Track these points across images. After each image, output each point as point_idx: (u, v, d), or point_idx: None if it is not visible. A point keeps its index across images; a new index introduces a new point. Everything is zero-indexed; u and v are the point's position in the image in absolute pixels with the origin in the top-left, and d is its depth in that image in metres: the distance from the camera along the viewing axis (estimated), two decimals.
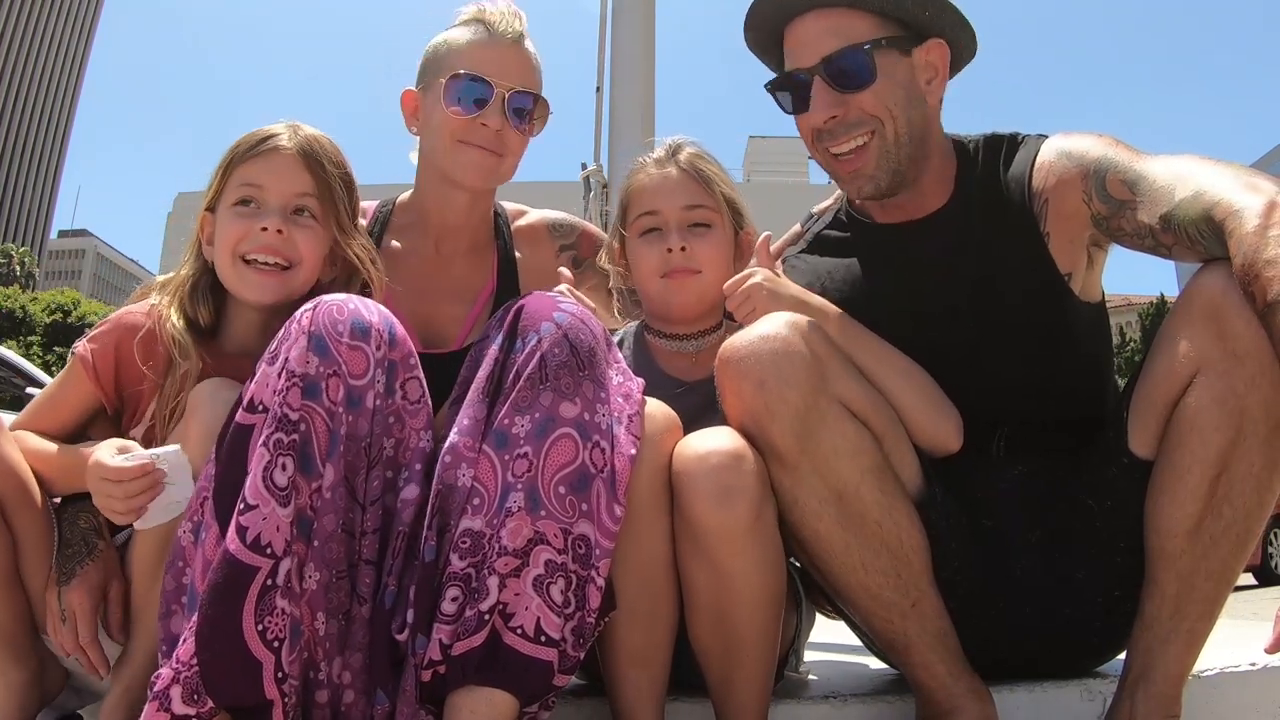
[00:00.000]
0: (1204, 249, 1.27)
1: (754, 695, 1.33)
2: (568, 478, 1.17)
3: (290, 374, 1.14)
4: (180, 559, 1.16)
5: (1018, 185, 1.51)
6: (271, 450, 1.11)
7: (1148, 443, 1.34)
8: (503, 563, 1.14)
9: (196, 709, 1.06)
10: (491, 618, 1.13)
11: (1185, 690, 1.33)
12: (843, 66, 1.49)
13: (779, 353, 1.29)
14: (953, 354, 1.48)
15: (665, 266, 1.60)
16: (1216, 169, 1.29)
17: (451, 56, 1.66)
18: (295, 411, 1.13)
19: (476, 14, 1.69)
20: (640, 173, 1.68)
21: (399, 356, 1.24)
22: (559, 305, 1.26)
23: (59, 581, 1.37)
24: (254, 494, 1.10)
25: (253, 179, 1.47)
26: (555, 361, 1.20)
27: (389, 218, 1.78)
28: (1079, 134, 1.50)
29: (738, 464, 1.25)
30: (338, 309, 1.20)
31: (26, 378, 5.17)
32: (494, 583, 1.14)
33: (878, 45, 1.49)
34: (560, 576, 1.15)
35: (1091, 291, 1.54)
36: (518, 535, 1.15)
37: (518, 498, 1.16)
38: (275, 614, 1.09)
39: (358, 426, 1.19)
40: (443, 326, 1.70)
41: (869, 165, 1.52)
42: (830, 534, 1.32)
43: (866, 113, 1.50)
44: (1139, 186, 1.35)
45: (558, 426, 1.18)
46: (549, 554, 1.15)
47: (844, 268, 1.63)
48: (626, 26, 3.30)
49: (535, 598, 1.14)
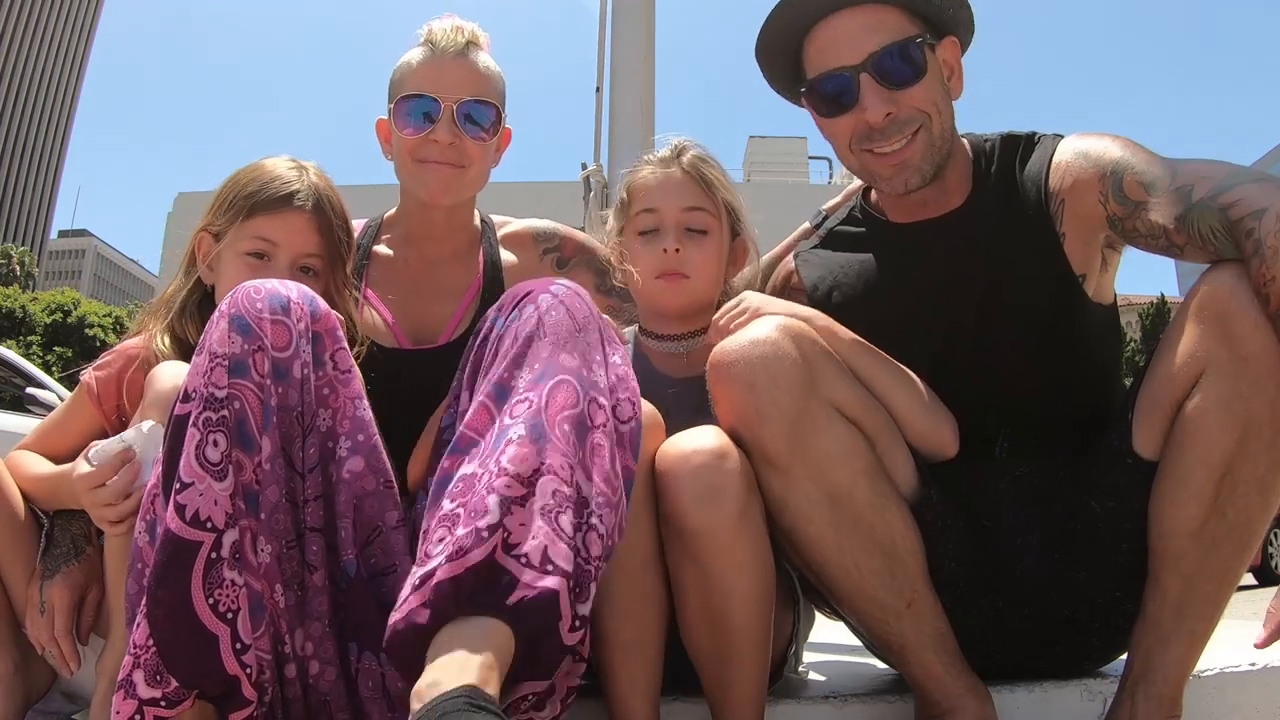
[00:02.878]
0: (1216, 249, 1.26)
1: (749, 695, 1.32)
2: (571, 418, 1.12)
3: (213, 354, 1.15)
4: (140, 560, 1.15)
5: (1034, 185, 1.51)
6: (201, 429, 1.12)
7: (1152, 443, 1.34)
8: (503, 483, 1.02)
9: (161, 690, 1.06)
10: (492, 536, 0.98)
11: (1185, 690, 1.33)
12: (893, 63, 1.49)
13: (769, 356, 1.29)
14: (962, 352, 1.48)
15: (660, 267, 1.61)
16: (1235, 171, 1.29)
17: (404, 79, 1.70)
18: (222, 390, 1.14)
19: (426, 33, 1.72)
20: (643, 169, 1.68)
21: (323, 329, 1.25)
22: (554, 282, 1.27)
23: (43, 576, 1.43)
24: (188, 472, 1.10)
25: (269, 235, 1.51)
26: (552, 320, 1.20)
27: (377, 232, 1.83)
28: (1096, 135, 1.50)
29: (720, 463, 1.25)
30: (255, 289, 1.22)
31: (26, 378, 5.17)
32: (494, 500, 1.01)
33: (924, 41, 1.50)
34: (570, 507, 1.03)
35: (1104, 294, 1.54)
36: (522, 462, 1.04)
37: (518, 429, 1.07)
38: (225, 586, 1.09)
39: (288, 397, 1.19)
40: (431, 324, 1.72)
41: (916, 156, 1.51)
42: (823, 536, 1.32)
43: (917, 108, 1.50)
44: (1156, 188, 1.35)
45: (558, 373, 1.15)
46: (556, 484, 1.04)
47: (858, 263, 1.63)
48: (626, 26, 3.30)
49: (544, 526, 1.00)
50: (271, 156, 1.60)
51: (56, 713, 1.58)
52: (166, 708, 1.07)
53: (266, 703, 1.15)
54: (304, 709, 1.20)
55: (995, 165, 1.57)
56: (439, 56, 1.69)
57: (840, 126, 1.56)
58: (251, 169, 1.57)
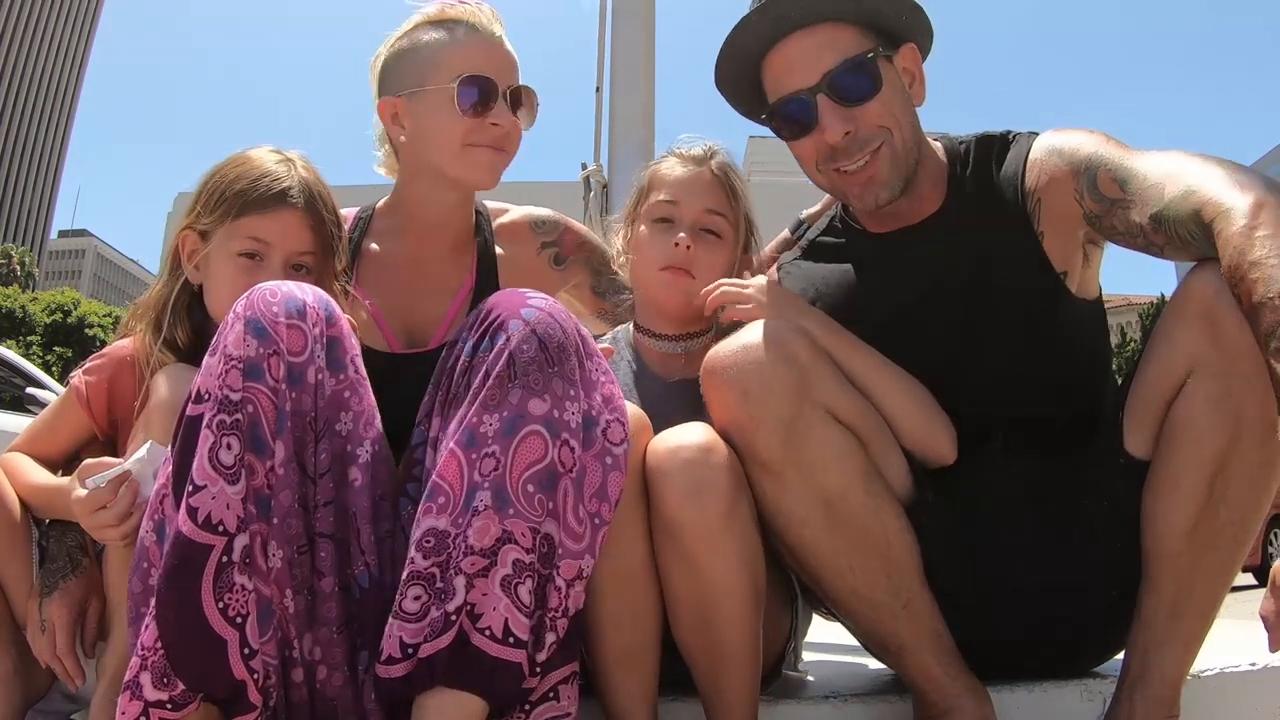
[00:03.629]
0: (1196, 249, 1.26)
1: (741, 693, 1.32)
2: (536, 475, 1.15)
3: (229, 357, 1.15)
4: (145, 560, 1.15)
5: (1010, 185, 1.51)
6: (215, 431, 1.12)
7: (1144, 443, 1.34)
8: (469, 562, 1.12)
9: (168, 692, 1.06)
10: (459, 618, 1.11)
11: (1185, 690, 1.33)
12: (848, 80, 1.48)
13: (762, 361, 1.29)
14: (949, 355, 1.48)
15: (668, 259, 1.60)
16: (1205, 166, 1.28)
17: (450, 60, 1.61)
18: (236, 393, 1.14)
19: (454, 14, 1.65)
20: (671, 160, 1.67)
21: (338, 334, 1.25)
22: (527, 301, 1.24)
23: (41, 593, 1.42)
24: (201, 475, 1.10)
25: (261, 234, 1.46)
26: (524, 358, 1.18)
27: (369, 223, 1.77)
28: (1070, 130, 1.49)
29: (708, 457, 1.25)
30: (270, 293, 1.21)
31: (26, 378, 5.17)
32: (460, 582, 1.11)
33: (877, 54, 1.49)
34: (528, 576, 1.13)
35: (1088, 289, 1.53)
36: (485, 534, 1.12)
37: (485, 496, 1.14)
38: (235, 590, 1.09)
39: (301, 402, 1.19)
40: (422, 326, 1.69)
41: (882, 172, 1.50)
42: (818, 540, 1.32)
43: (875, 124, 1.49)
44: (1130, 185, 1.35)
45: (526, 424, 1.16)
46: (517, 553, 1.13)
47: (839, 274, 1.63)
48: (626, 26, 3.29)
49: (503, 598, 1.12)
50: (254, 147, 1.53)
51: (56, 713, 1.58)
52: (172, 710, 1.07)
53: (271, 707, 1.15)
54: (310, 714, 1.20)
55: (970, 168, 1.57)
56: (487, 39, 1.64)
57: (804, 148, 1.55)
58: (235, 163, 1.51)
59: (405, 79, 1.64)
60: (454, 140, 1.61)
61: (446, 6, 1.66)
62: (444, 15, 1.65)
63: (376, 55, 1.72)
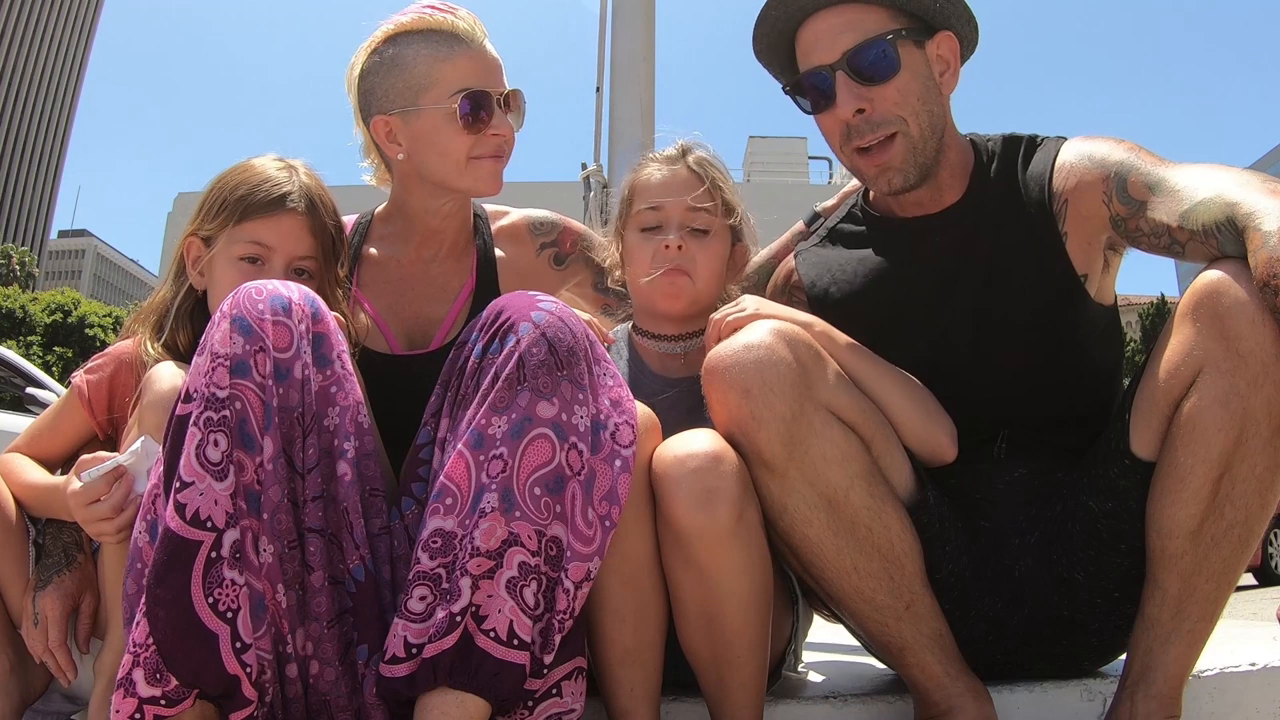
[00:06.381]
0: (1218, 245, 1.26)
1: (747, 697, 1.32)
2: (543, 479, 1.16)
3: (215, 355, 1.16)
4: (139, 560, 1.15)
5: (1037, 185, 1.51)
6: (203, 428, 1.12)
7: (1150, 443, 1.34)
8: (475, 564, 1.13)
9: (161, 688, 1.07)
10: (464, 619, 1.12)
11: (1185, 690, 1.33)
12: (866, 60, 1.50)
13: (764, 361, 1.29)
14: (960, 349, 1.48)
15: (660, 263, 1.59)
16: (1238, 175, 1.30)
17: (438, 76, 1.59)
18: (224, 390, 1.14)
19: (435, 24, 1.62)
20: (648, 167, 1.67)
21: (324, 330, 1.25)
22: (537, 304, 1.25)
23: (35, 587, 1.43)
24: (188, 471, 1.11)
25: (263, 239, 1.48)
26: (533, 361, 1.19)
27: (368, 229, 1.78)
28: (1100, 138, 1.51)
29: (716, 466, 1.25)
30: (256, 291, 1.22)
31: (26, 378, 5.16)
32: (466, 583, 1.12)
33: (898, 36, 1.50)
34: (533, 579, 1.14)
35: (1105, 295, 1.54)
36: (491, 536, 1.13)
37: (492, 498, 1.14)
38: (225, 585, 1.10)
39: (289, 398, 1.20)
40: (423, 328, 1.69)
41: (896, 158, 1.52)
42: (821, 540, 1.32)
43: (891, 108, 1.50)
44: (1160, 189, 1.35)
45: (534, 427, 1.17)
46: (522, 555, 1.14)
47: (856, 259, 1.64)
48: (626, 26, 3.30)
49: (508, 600, 1.13)
50: (258, 156, 1.56)
51: (55, 712, 1.58)
52: (166, 706, 1.07)
53: (267, 703, 1.15)
54: (305, 709, 1.20)
55: (996, 164, 1.58)
56: (476, 49, 1.63)
57: (826, 123, 1.57)
58: (239, 170, 1.53)
59: (396, 96, 1.62)
60: (459, 157, 1.61)
61: (425, 15, 1.63)
62: (425, 25, 1.62)
63: (352, 65, 1.68)
